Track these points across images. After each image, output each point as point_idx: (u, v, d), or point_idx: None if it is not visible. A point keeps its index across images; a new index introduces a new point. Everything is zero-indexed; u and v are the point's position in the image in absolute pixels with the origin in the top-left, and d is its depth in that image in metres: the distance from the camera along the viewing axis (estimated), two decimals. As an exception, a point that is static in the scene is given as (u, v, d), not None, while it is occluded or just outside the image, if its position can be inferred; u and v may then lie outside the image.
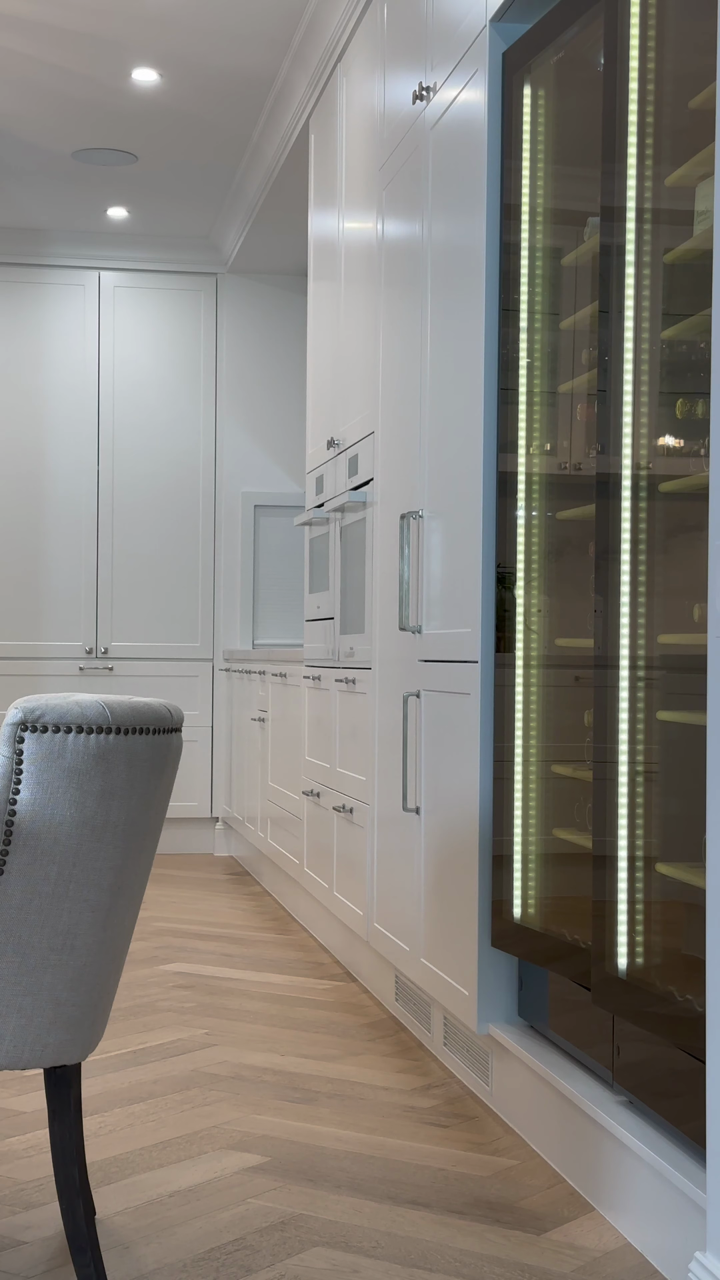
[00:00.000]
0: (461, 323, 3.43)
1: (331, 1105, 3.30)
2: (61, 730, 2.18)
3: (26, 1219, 2.61)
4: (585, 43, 2.92)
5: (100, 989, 2.30)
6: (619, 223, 2.62)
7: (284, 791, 5.81)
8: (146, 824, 2.32)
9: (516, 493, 3.17)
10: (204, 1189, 2.77)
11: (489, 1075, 3.31)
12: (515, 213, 3.17)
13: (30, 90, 5.59)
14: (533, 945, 3.02)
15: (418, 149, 3.84)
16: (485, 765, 3.24)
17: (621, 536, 2.61)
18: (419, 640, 3.75)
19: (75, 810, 2.19)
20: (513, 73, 3.18)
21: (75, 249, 7.51)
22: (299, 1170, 2.88)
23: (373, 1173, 2.87)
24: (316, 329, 5.33)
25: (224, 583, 7.60)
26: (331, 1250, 2.49)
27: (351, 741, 4.57)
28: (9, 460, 7.49)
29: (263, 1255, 2.46)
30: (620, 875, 2.60)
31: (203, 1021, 4.07)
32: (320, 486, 5.18)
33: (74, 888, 2.21)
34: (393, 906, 4.01)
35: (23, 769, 2.17)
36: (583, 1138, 2.75)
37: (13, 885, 2.17)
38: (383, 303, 4.23)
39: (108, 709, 2.22)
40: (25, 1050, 2.21)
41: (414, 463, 3.85)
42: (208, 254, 7.58)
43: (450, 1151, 3.00)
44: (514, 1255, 2.47)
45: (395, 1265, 2.43)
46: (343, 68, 4.87)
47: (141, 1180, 2.82)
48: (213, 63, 5.30)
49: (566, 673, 3.08)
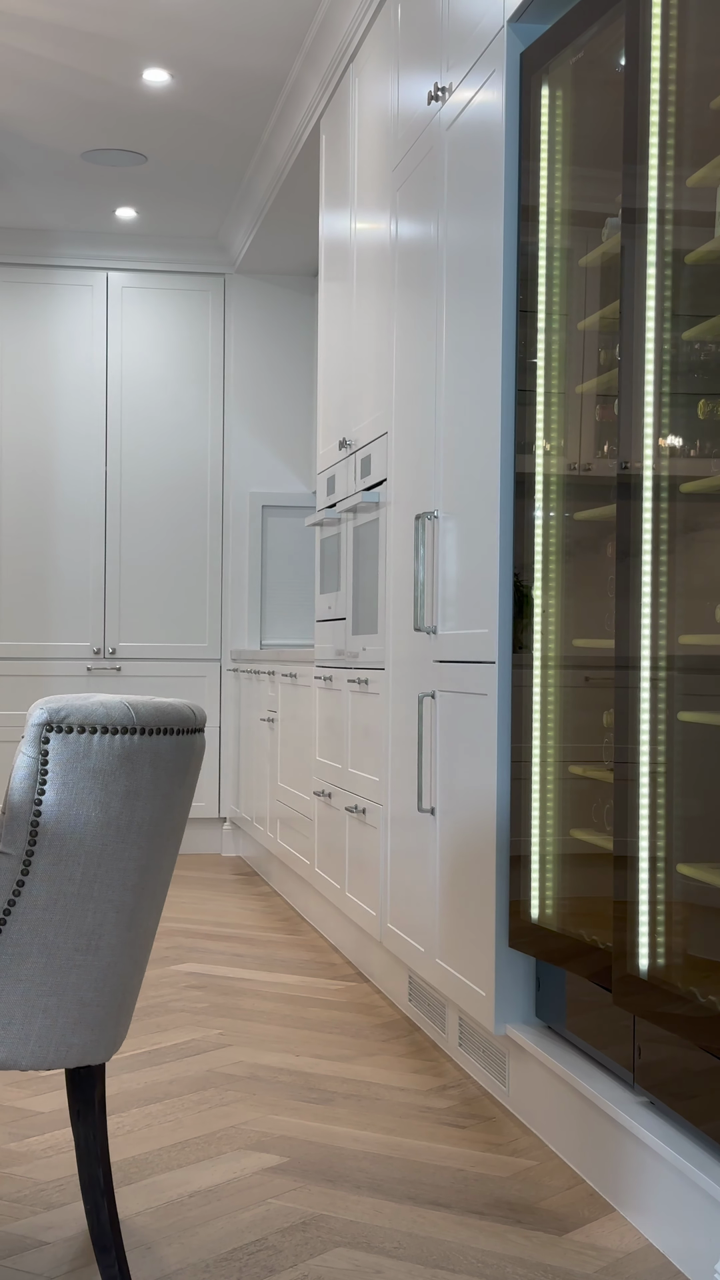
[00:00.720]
0: (478, 323, 3.43)
1: (348, 1106, 3.31)
2: (87, 731, 2.19)
3: (47, 1219, 2.61)
4: (604, 43, 2.92)
5: (124, 989, 2.30)
6: (640, 224, 2.62)
7: (294, 792, 5.81)
8: (170, 824, 2.33)
9: (534, 493, 3.17)
10: (224, 1189, 2.77)
11: (505, 1076, 3.31)
12: (533, 214, 3.17)
13: (41, 91, 5.59)
14: (550, 946, 3.03)
15: (433, 150, 3.84)
16: (503, 766, 3.24)
17: (643, 537, 2.61)
18: (434, 641, 3.75)
19: (100, 811, 2.19)
20: (530, 73, 3.18)
21: (83, 249, 7.51)
22: (318, 1171, 2.88)
23: (392, 1173, 2.87)
24: (328, 330, 5.33)
25: (231, 583, 7.60)
26: (353, 1251, 2.49)
27: (364, 742, 4.57)
28: (17, 460, 7.49)
29: (285, 1255, 2.46)
30: (641, 875, 2.60)
31: (216, 1022, 4.07)
32: (331, 487, 5.18)
33: (99, 888, 2.21)
34: (406, 907, 4.01)
35: (48, 770, 2.18)
36: (603, 1138, 2.76)
37: (38, 886, 2.18)
38: (396, 303, 4.23)
39: (132, 709, 2.23)
40: (50, 1051, 2.22)
41: (428, 463, 3.85)
42: (216, 254, 7.58)
43: (468, 1152, 3.00)
44: (536, 1256, 2.48)
45: (418, 1266, 2.43)
46: (355, 68, 4.87)
47: (161, 1180, 2.82)
48: (224, 63, 5.31)
49: (584, 673, 3.08)
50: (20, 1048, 2.20)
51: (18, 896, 2.18)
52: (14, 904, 2.18)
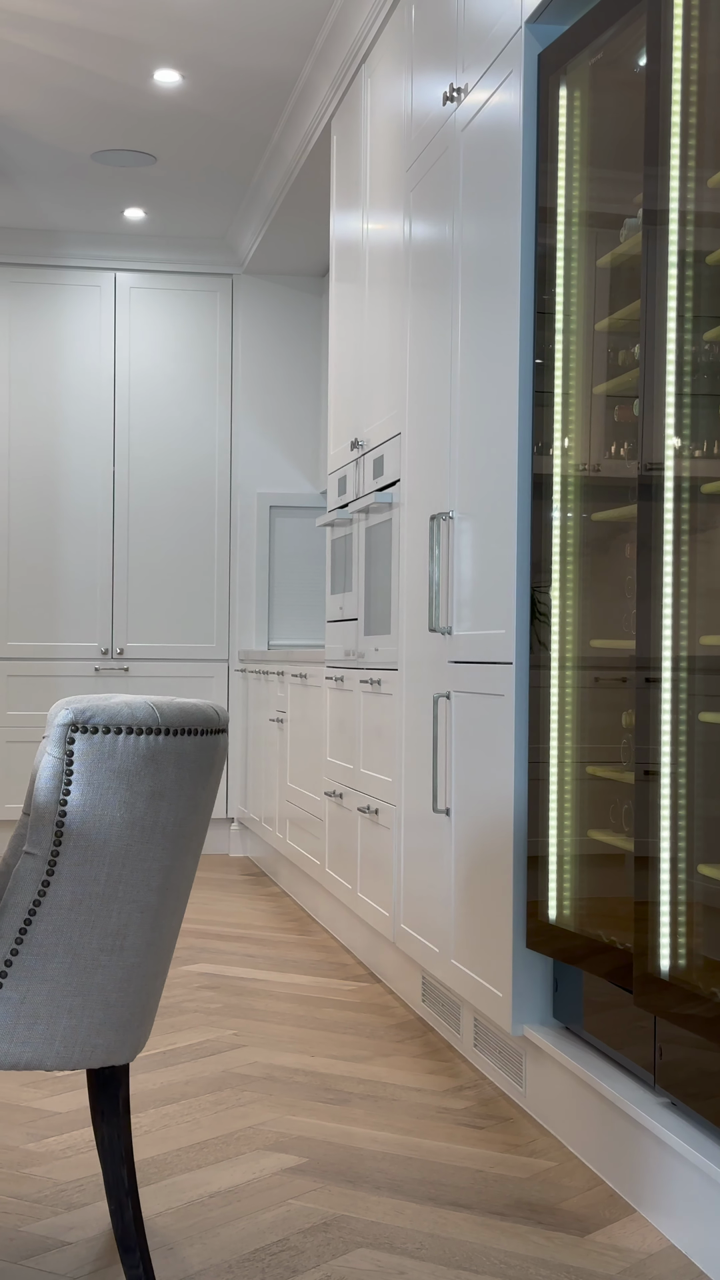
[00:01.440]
0: (494, 324, 3.43)
1: (365, 1106, 3.31)
2: (112, 731, 2.19)
3: (69, 1219, 2.61)
4: (624, 44, 2.92)
5: (148, 990, 2.30)
6: (661, 225, 2.62)
7: (304, 792, 5.81)
8: (193, 825, 2.33)
9: (551, 494, 3.17)
10: (244, 1190, 2.78)
11: (522, 1077, 3.31)
12: (550, 215, 3.17)
13: (52, 92, 5.59)
14: (568, 946, 3.03)
15: (448, 150, 3.84)
16: (520, 766, 3.24)
17: (664, 538, 2.61)
18: (449, 641, 3.75)
19: (125, 811, 2.19)
20: (548, 74, 3.18)
21: (92, 250, 7.51)
22: (337, 1171, 2.88)
23: (411, 1174, 2.87)
24: (339, 330, 5.33)
25: (239, 583, 7.60)
26: (376, 1251, 2.49)
27: (376, 742, 4.57)
28: (25, 461, 7.49)
29: (307, 1256, 2.46)
30: (663, 876, 2.60)
31: (230, 1022, 4.07)
32: (343, 487, 5.18)
33: (124, 888, 2.21)
34: (420, 908, 4.01)
35: (73, 770, 2.18)
36: (623, 1139, 2.76)
37: (63, 886, 2.18)
38: (410, 304, 4.23)
39: (157, 710, 2.23)
40: (75, 1051, 2.22)
41: (443, 464, 3.85)
42: (224, 255, 7.58)
43: (487, 1153, 3.00)
44: (558, 1257, 2.48)
45: (441, 1267, 2.43)
46: (367, 69, 4.87)
47: (181, 1181, 2.82)
48: (235, 64, 5.31)
49: (602, 674, 3.08)
50: (46, 1048, 2.20)
51: (43, 897, 2.18)
52: (39, 904, 2.18)
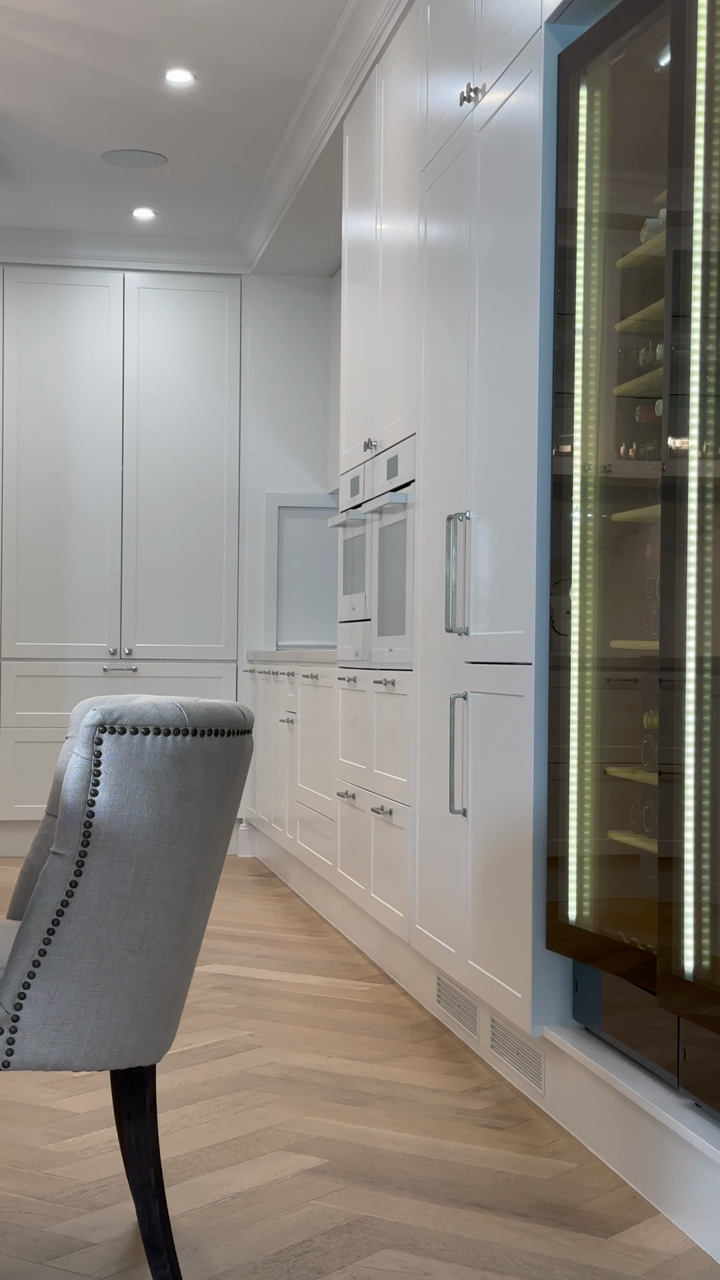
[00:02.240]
0: (513, 325, 3.43)
1: (383, 1107, 3.30)
2: (140, 732, 2.18)
3: (92, 1220, 2.61)
4: (646, 44, 2.92)
5: (175, 990, 2.30)
6: (686, 227, 2.62)
7: (315, 793, 5.81)
8: (220, 826, 2.32)
9: (571, 495, 3.17)
10: (266, 1190, 2.77)
11: (541, 1078, 3.30)
12: (570, 216, 3.17)
13: (64, 92, 5.59)
14: (588, 947, 3.02)
15: (464, 151, 3.84)
16: (539, 767, 3.24)
17: (688, 539, 2.61)
18: (466, 642, 3.75)
19: (153, 812, 2.19)
20: (568, 74, 3.18)
21: (101, 250, 7.51)
22: (358, 1172, 2.88)
23: (432, 1175, 2.87)
24: (351, 331, 5.33)
25: (247, 584, 7.60)
26: (400, 1252, 2.49)
27: (390, 743, 4.57)
28: (34, 461, 7.49)
29: (332, 1257, 2.46)
30: (687, 877, 2.60)
31: (245, 1023, 4.06)
32: (356, 488, 5.18)
33: (151, 889, 2.21)
34: (436, 908, 4.00)
35: (101, 770, 2.18)
36: (645, 1140, 2.75)
37: (91, 886, 2.18)
38: (425, 304, 4.23)
39: (184, 710, 2.22)
40: (103, 1051, 2.22)
41: (459, 465, 3.84)
42: (232, 255, 7.58)
43: (507, 1154, 3.00)
44: (583, 1258, 2.47)
45: (466, 1268, 2.43)
46: (380, 69, 4.87)
47: (203, 1182, 2.82)
48: (247, 64, 5.31)
49: (621, 675, 3.08)
50: (74, 1048, 2.20)
51: (71, 897, 2.18)
52: (67, 904, 2.18)
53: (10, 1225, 2.58)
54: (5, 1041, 2.17)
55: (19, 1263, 2.42)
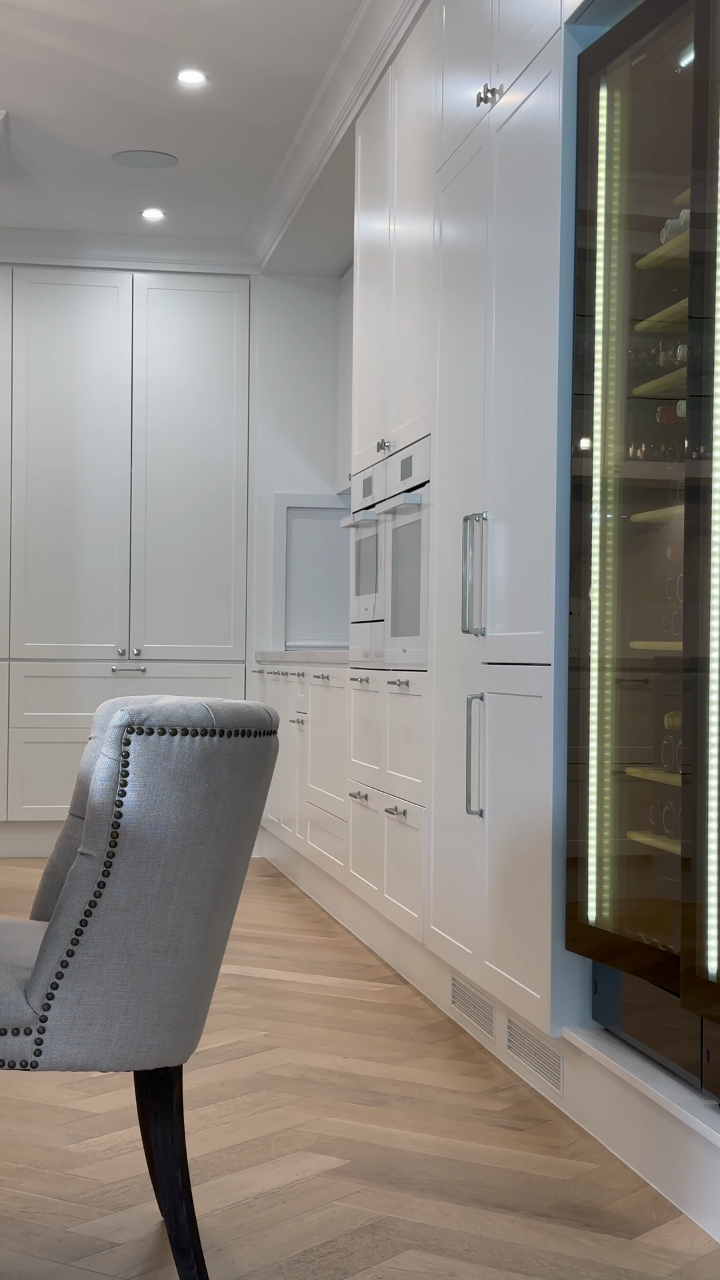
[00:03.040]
0: (531, 326, 3.43)
1: (402, 1108, 3.30)
2: (167, 733, 2.19)
3: (116, 1220, 2.61)
4: (667, 45, 2.92)
5: (201, 991, 2.30)
6: (710, 229, 2.62)
7: (326, 794, 5.81)
8: (246, 826, 2.32)
9: (591, 496, 3.17)
10: (288, 1191, 2.77)
11: (559, 1078, 3.30)
12: (590, 217, 3.17)
13: (76, 93, 5.59)
14: (609, 948, 3.02)
15: (481, 152, 3.84)
16: (559, 767, 3.24)
17: (711, 540, 2.61)
18: (482, 642, 3.75)
19: (180, 812, 2.19)
20: (588, 75, 3.18)
21: (110, 251, 7.51)
22: (380, 1173, 2.88)
23: (454, 1175, 2.87)
24: (363, 331, 5.33)
25: (256, 585, 7.60)
26: (425, 1253, 2.49)
27: (404, 744, 4.57)
28: (42, 461, 7.49)
29: (357, 1258, 2.46)
30: (711, 878, 2.60)
31: (260, 1024, 4.06)
32: (368, 488, 5.17)
33: (178, 889, 2.21)
34: (451, 909, 4.00)
35: (129, 771, 2.18)
36: (668, 1141, 2.75)
37: (119, 887, 2.18)
38: (440, 305, 4.23)
39: (212, 711, 2.23)
40: (130, 1052, 2.22)
41: (476, 465, 3.84)
42: (241, 256, 7.58)
43: (528, 1155, 3.00)
44: (608, 1259, 2.47)
45: (491, 1269, 2.43)
46: (394, 69, 4.87)
47: (225, 1182, 2.82)
48: (259, 64, 5.31)
49: (641, 675, 3.08)
50: (101, 1049, 2.20)
51: (99, 898, 2.18)
52: (95, 905, 2.18)
53: (34, 1226, 2.58)
54: (34, 1042, 2.17)
55: (44, 1263, 2.42)
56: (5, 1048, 2.18)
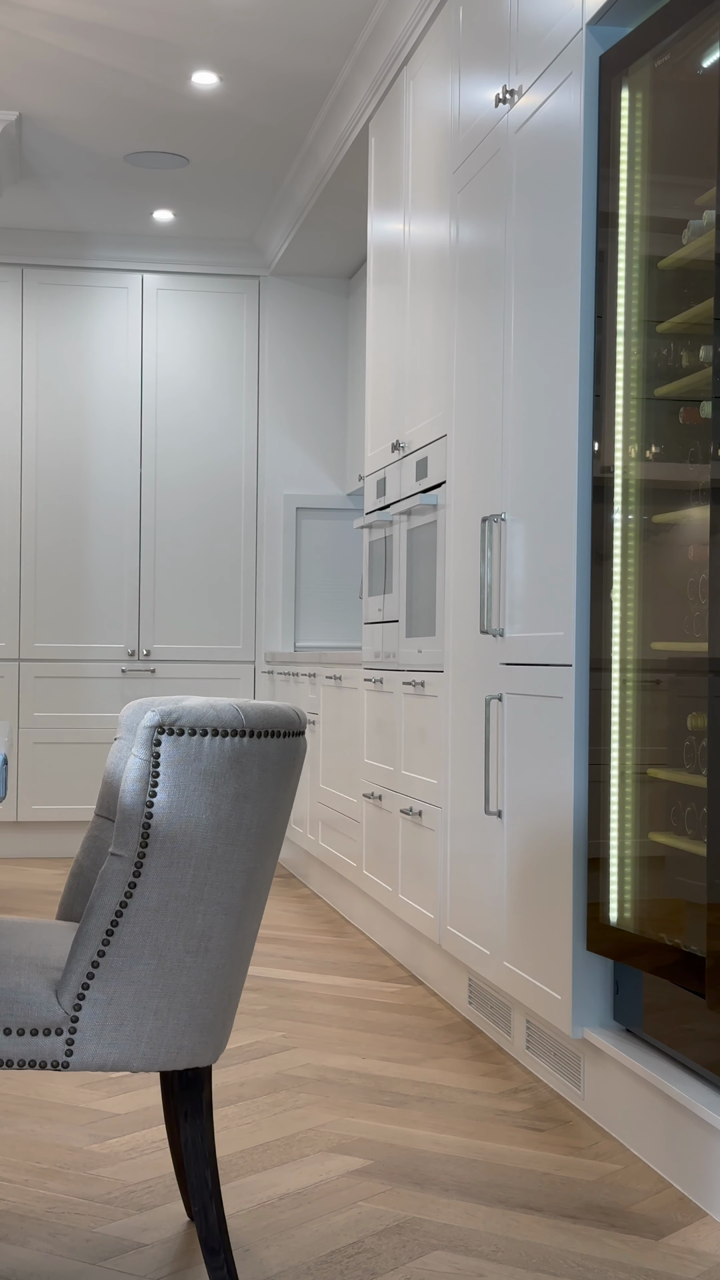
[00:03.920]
0: (551, 327, 3.43)
1: (422, 1109, 3.30)
2: (198, 733, 2.19)
3: (142, 1221, 2.61)
4: (690, 46, 2.92)
5: (231, 991, 2.30)
6: (735, 227, 2.62)
7: (338, 794, 5.81)
8: (274, 827, 2.33)
9: (612, 496, 3.17)
10: (313, 1192, 2.77)
11: (580, 1079, 3.30)
12: (612, 219, 3.17)
13: (88, 94, 5.60)
14: (630, 948, 3.02)
15: (499, 153, 3.84)
16: (580, 768, 3.24)
17: (737, 541, 2.61)
18: (501, 643, 3.75)
19: (211, 813, 2.20)
20: (610, 76, 3.18)
21: (119, 252, 7.51)
22: (403, 1174, 2.88)
23: (478, 1176, 2.87)
24: (377, 332, 5.33)
25: (265, 585, 7.60)
26: (452, 1254, 2.49)
27: (419, 744, 4.57)
28: (52, 462, 7.49)
29: (384, 1259, 2.46)
30: (736, 880, 2.60)
31: (277, 1024, 4.07)
32: (382, 489, 5.18)
33: (209, 890, 2.21)
34: (468, 910, 4.00)
35: (159, 772, 2.18)
36: (692, 1142, 2.75)
37: (150, 887, 2.18)
38: (457, 306, 4.23)
39: (241, 712, 2.23)
40: (161, 1052, 2.22)
41: (494, 466, 3.84)
42: (251, 257, 7.59)
43: (550, 1156, 3.00)
44: (636, 1260, 2.47)
45: (519, 1270, 2.43)
46: (409, 70, 4.87)
47: (249, 1183, 2.82)
48: (273, 65, 5.31)
49: (663, 676, 3.08)
50: (132, 1049, 2.20)
51: (129, 898, 2.18)
52: (126, 905, 2.18)
53: (61, 1226, 2.58)
54: (65, 1042, 2.18)
55: (72, 1263, 2.42)
56: (37, 1048, 2.18)
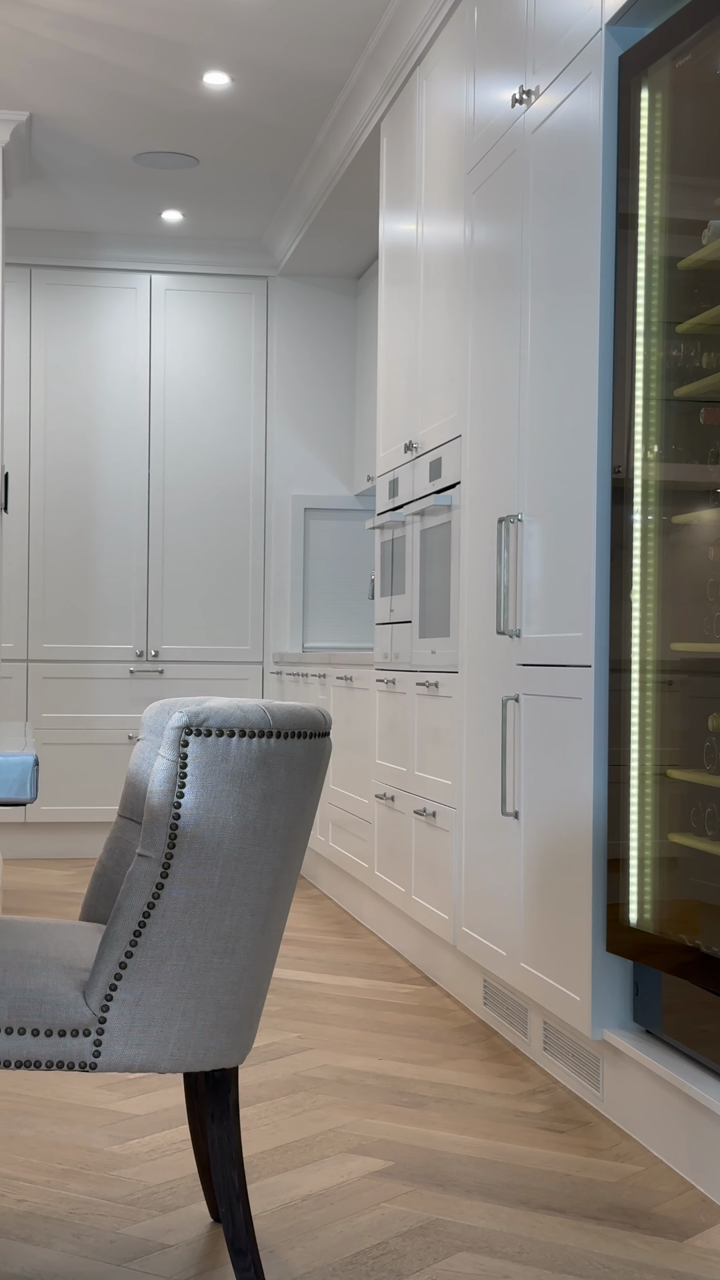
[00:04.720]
0: (569, 328, 3.43)
1: (441, 1110, 3.30)
2: (225, 734, 2.18)
3: (165, 1222, 2.61)
4: (711, 46, 2.92)
5: (257, 992, 2.30)
6: (759, 227, 2.62)
7: (349, 795, 5.80)
8: (300, 828, 2.32)
9: (631, 497, 3.17)
10: (335, 1193, 2.77)
11: (599, 1080, 3.30)
12: (631, 220, 3.17)
13: (98, 94, 5.60)
14: (651, 949, 3.02)
15: (515, 153, 3.84)
16: (599, 769, 3.24)
17: (761, 541, 2.60)
18: (517, 644, 3.74)
19: (238, 814, 2.19)
20: (630, 77, 3.17)
21: (128, 252, 7.51)
22: (425, 1175, 2.88)
23: (499, 1178, 2.87)
24: (389, 333, 5.33)
25: (273, 586, 7.60)
26: (477, 1255, 2.48)
27: (433, 745, 4.56)
28: (61, 462, 7.49)
29: (409, 1260, 2.46)
30: (760, 881, 2.60)
31: (293, 1025, 4.06)
32: (394, 490, 5.17)
33: (236, 891, 2.21)
34: (484, 911, 4.00)
35: (187, 773, 2.18)
36: (715, 1144, 2.75)
37: (177, 888, 2.18)
38: (471, 307, 4.23)
39: (268, 713, 2.22)
40: (188, 1053, 2.21)
41: (510, 467, 3.84)
42: (259, 257, 7.58)
43: (571, 1157, 3.00)
44: (661, 1262, 2.47)
45: (545, 1271, 2.43)
46: (422, 70, 4.86)
47: (270, 1184, 2.81)
48: (284, 66, 5.31)
49: (683, 677, 3.07)
50: (160, 1050, 2.20)
51: (157, 899, 2.18)
52: (154, 906, 2.18)
53: (85, 1227, 2.58)
54: (93, 1043, 2.17)
55: (98, 1265, 2.42)
56: (64, 1049, 2.18)
